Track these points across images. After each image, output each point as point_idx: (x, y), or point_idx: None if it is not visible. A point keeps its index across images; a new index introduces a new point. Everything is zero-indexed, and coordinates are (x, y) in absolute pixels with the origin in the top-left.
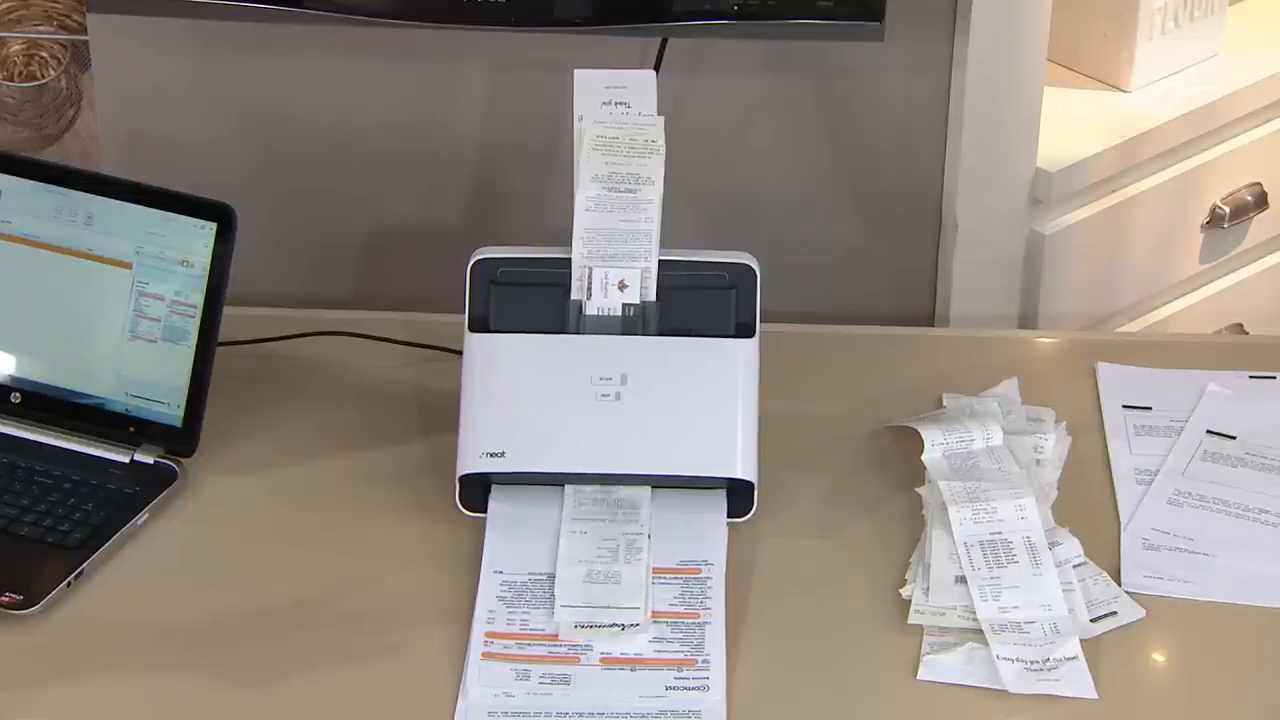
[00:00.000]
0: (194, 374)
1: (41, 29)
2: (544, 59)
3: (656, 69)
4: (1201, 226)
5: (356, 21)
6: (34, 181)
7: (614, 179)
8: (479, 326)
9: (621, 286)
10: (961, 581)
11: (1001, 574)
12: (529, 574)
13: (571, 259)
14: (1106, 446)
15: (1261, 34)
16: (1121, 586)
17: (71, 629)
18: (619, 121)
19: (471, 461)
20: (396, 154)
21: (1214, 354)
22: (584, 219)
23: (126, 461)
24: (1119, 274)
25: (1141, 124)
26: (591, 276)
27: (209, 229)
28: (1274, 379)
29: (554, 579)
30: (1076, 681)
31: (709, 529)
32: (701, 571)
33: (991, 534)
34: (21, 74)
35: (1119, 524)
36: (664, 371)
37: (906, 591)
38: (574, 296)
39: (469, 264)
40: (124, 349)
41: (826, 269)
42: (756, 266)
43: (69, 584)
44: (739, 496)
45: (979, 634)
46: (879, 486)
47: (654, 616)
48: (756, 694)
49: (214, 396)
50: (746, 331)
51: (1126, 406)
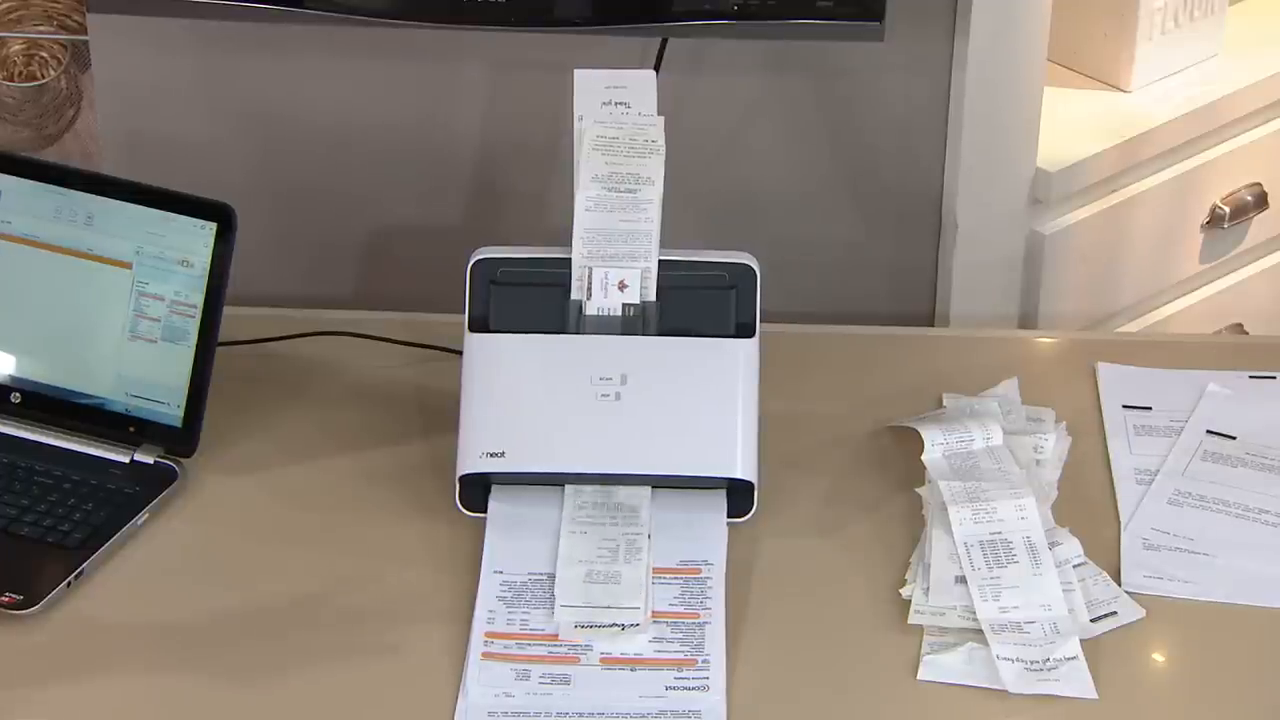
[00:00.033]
0: (194, 374)
1: (41, 29)
2: (544, 59)
3: (656, 69)
4: (1201, 226)
5: (356, 21)
6: (34, 181)
7: (614, 179)
8: (479, 326)
9: (621, 286)
10: (961, 581)
11: (1001, 574)
12: (529, 574)
13: (571, 259)
14: (1106, 446)
15: (1261, 34)
16: (1121, 586)
17: (71, 629)
18: (619, 121)
19: (471, 461)
20: (396, 154)
21: (1214, 354)
22: (584, 219)
23: (126, 461)
24: (1119, 274)
25: (1141, 124)
26: (591, 276)
27: (209, 229)
28: (1274, 379)
29: (554, 579)
30: (1076, 681)
31: (709, 529)
32: (701, 571)
33: (991, 534)
34: (21, 74)
35: (1119, 524)
36: (664, 371)
37: (906, 591)
38: (574, 296)
39: (469, 264)
40: (124, 349)
41: (826, 269)
42: (756, 266)
43: (69, 584)
44: (739, 496)
45: (979, 634)
46: (879, 486)
47: (654, 616)
48: (756, 694)
49: (214, 396)
50: (746, 331)
51: (1126, 406)
